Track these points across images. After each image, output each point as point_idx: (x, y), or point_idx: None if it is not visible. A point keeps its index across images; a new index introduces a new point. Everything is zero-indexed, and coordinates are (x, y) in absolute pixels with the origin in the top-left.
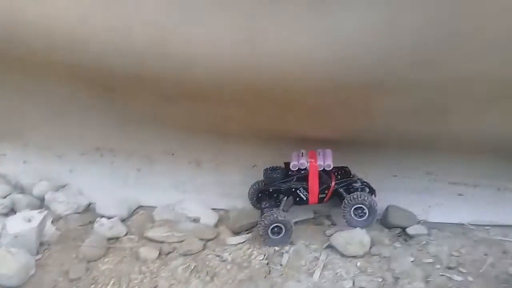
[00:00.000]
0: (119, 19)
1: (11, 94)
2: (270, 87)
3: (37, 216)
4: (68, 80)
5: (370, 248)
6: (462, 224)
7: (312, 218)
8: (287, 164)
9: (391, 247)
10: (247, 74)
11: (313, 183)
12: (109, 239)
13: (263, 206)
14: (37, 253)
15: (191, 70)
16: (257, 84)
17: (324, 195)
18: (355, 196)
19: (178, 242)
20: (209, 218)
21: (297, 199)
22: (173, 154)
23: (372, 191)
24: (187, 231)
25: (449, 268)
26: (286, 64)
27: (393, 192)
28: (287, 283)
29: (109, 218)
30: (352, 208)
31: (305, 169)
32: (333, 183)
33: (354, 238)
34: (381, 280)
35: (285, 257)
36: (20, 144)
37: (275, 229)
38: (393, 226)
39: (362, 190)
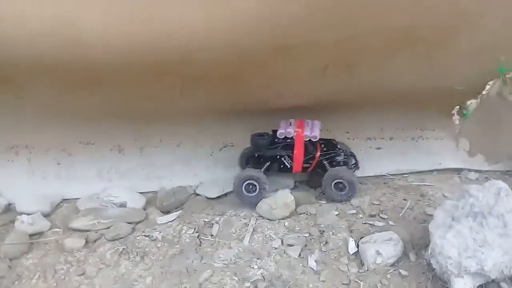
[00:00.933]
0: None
1: None
2: (175, 63)
3: None
4: None
5: (297, 208)
6: (383, 175)
7: None
8: (275, 132)
9: (317, 204)
10: (145, 53)
11: (298, 152)
12: (32, 235)
13: None
14: None
15: (88, 56)
16: (160, 62)
17: (309, 165)
18: (335, 171)
19: (105, 228)
20: (136, 202)
21: (281, 166)
22: (92, 144)
23: (356, 165)
24: (114, 217)
25: (371, 216)
26: (185, 40)
27: None
28: (218, 251)
29: (30, 214)
30: (333, 182)
31: (292, 138)
32: (318, 154)
33: (278, 202)
34: (308, 235)
35: (215, 227)
36: None
37: (250, 186)
38: (318, 185)
39: (345, 164)
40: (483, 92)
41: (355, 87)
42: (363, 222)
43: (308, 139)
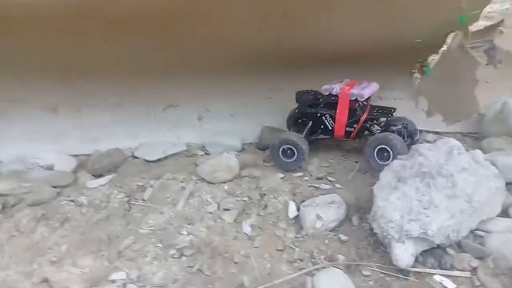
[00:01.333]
0: None
1: None
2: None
3: None
4: None
5: (240, 171)
6: None
7: (185, 150)
8: None
9: (263, 167)
10: None
11: (341, 112)
12: None
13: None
14: None
15: None
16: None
17: (352, 129)
18: (382, 136)
19: (26, 193)
20: (65, 164)
21: (322, 126)
22: (24, 102)
23: (411, 136)
24: (37, 180)
25: (318, 178)
26: None
27: (267, 114)
28: (147, 217)
29: None
30: (376, 148)
31: (336, 95)
32: (363, 117)
33: (222, 164)
34: (247, 199)
35: (148, 191)
36: None
37: (288, 151)
38: (267, 147)
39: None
40: (444, 46)
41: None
42: (309, 185)
43: (354, 98)
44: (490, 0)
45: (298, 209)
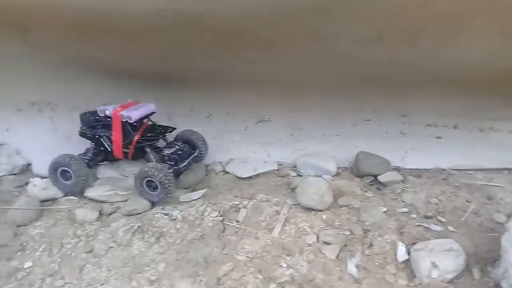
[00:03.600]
0: None
1: None
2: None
3: None
4: None
5: (338, 199)
6: (442, 169)
7: (276, 169)
8: None
9: (362, 197)
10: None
11: (116, 133)
12: (44, 200)
13: None
14: None
15: None
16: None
17: (128, 150)
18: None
19: (121, 201)
20: None
21: (102, 148)
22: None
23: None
24: (133, 189)
25: (427, 217)
26: None
27: (364, 137)
28: (242, 241)
29: (44, 178)
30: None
31: (110, 117)
32: (135, 137)
33: (318, 190)
34: (348, 233)
35: (242, 212)
36: None
37: (66, 173)
38: (365, 174)
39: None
40: None
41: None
42: (417, 224)
43: (125, 120)
44: None
45: (408, 252)
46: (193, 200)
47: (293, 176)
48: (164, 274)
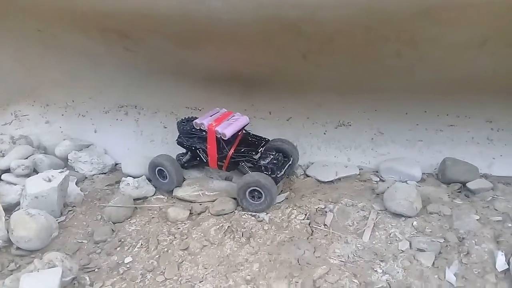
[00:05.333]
0: None
1: (28, 53)
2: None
3: (57, 175)
4: (79, 30)
5: (427, 205)
6: None
7: (358, 174)
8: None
9: (451, 204)
10: (272, 11)
11: (211, 147)
12: (136, 199)
13: None
14: (61, 214)
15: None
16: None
17: (223, 163)
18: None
19: (209, 201)
20: None
21: (198, 158)
22: (200, 110)
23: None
24: (219, 190)
25: None
26: None
27: (450, 143)
28: (332, 245)
29: (135, 177)
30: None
31: (205, 131)
32: (230, 153)
33: (407, 196)
34: (443, 241)
35: (329, 216)
36: (41, 104)
37: (162, 172)
38: (452, 181)
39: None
40: None
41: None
42: None
43: (219, 135)
44: None
45: (508, 262)
46: (277, 202)
47: (376, 181)
48: (259, 274)
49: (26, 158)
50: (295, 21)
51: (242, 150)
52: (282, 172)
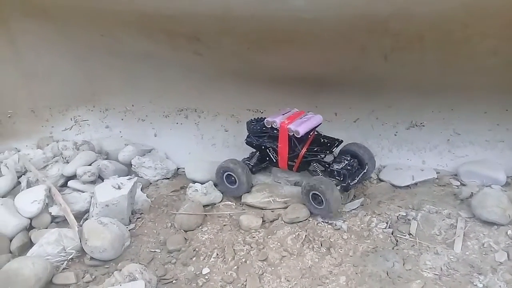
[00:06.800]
0: None
1: (89, 58)
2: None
3: (126, 182)
4: (144, 34)
5: None
6: None
7: (436, 178)
8: None
9: None
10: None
11: (282, 146)
12: (205, 205)
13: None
14: (130, 222)
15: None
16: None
17: (293, 163)
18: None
19: (281, 208)
20: None
21: (267, 158)
22: (262, 112)
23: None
24: (290, 196)
25: None
26: None
27: None
28: (422, 256)
29: (201, 183)
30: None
31: (277, 129)
32: (302, 152)
33: (499, 203)
34: None
35: (413, 224)
36: (100, 109)
37: (231, 177)
38: None
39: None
40: None
41: None
42: None
43: (292, 133)
44: None
45: None
46: (353, 209)
47: (457, 186)
48: (346, 287)
49: (90, 164)
50: (384, 18)
51: (315, 149)
52: (355, 181)
